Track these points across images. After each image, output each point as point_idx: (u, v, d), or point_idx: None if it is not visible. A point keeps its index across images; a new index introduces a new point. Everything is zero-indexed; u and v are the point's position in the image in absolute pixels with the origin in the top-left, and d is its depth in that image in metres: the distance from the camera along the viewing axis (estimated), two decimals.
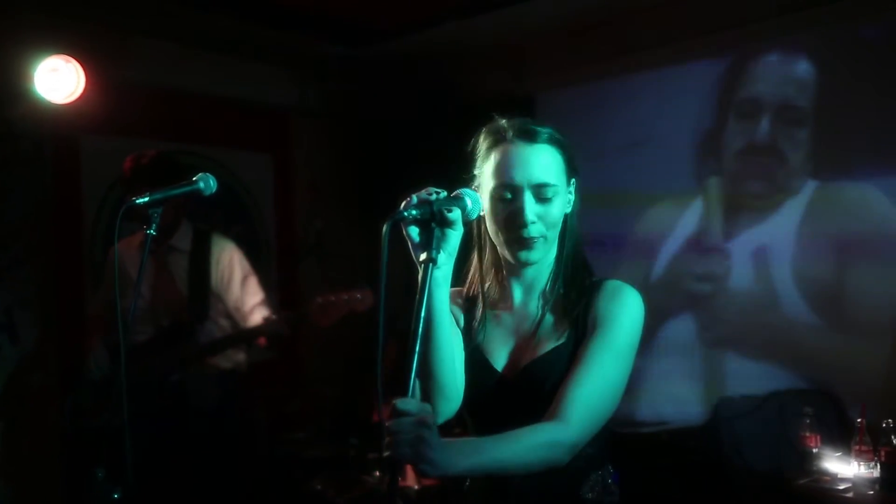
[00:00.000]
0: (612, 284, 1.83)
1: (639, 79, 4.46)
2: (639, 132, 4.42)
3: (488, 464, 1.53)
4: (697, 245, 4.23)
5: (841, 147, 3.81)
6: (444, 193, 1.61)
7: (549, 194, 1.77)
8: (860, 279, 3.66)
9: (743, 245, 4.08)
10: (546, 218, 1.79)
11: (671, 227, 4.32)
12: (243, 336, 3.52)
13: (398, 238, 1.63)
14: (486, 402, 1.83)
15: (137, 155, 3.43)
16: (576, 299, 1.82)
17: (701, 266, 4.19)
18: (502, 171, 1.79)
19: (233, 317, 3.59)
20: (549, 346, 1.80)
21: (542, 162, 1.78)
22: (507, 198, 1.78)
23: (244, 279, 3.63)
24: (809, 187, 3.87)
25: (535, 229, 1.77)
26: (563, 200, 1.82)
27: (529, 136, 1.80)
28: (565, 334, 1.79)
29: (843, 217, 3.74)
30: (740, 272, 4.07)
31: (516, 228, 1.77)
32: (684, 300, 4.22)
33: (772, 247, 3.96)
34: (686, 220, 4.28)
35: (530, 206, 1.77)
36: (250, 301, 3.59)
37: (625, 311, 1.77)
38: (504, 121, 1.84)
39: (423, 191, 1.59)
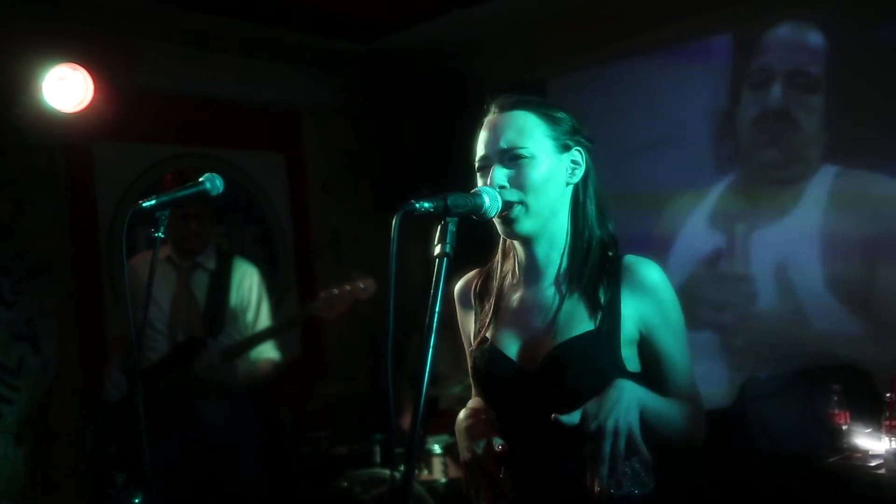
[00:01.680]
0: (634, 265, 1.76)
1: (650, 59, 4.38)
2: (653, 115, 4.35)
3: (667, 409, 1.70)
4: (714, 268, 4.16)
5: (856, 122, 3.74)
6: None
7: (521, 154, 1.72)
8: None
9: (763, 261, 4.02)
10: (520, 182, 1.72)
11: (690, 246, 4.26)
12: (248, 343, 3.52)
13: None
14: (507, 395, 1.79)
15: (177, 171, 3.52)
16: (596, 281, 1.75)
17: (720, 296, 4.13)
18: (479, 143, 1.79)
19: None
20: (572, 332, 1.73)
21: (514, 126, 1.75)
22: (484, 168, 1.76)
23: (258, 305, 3.67)
24: (829, 174, 3.81)
25: (507, 194, 1.70)
26: (552, 168, 1.75)
27: (506, 105, 1.78)
28: (594, 320, 1.72)
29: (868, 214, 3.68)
30: (764, 293, 4.02)
31: None
32: (703, 324, 4.17)
33: (794, 256, 3.91)
34: (702, 233, 4.22)
35: (498, 171, 1.72)
36: (260, 325, 3.63)
37: (669, 296, 1.76)
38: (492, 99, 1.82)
39: None
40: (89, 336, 4.31)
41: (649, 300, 1.74)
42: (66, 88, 3.82)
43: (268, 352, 3.58)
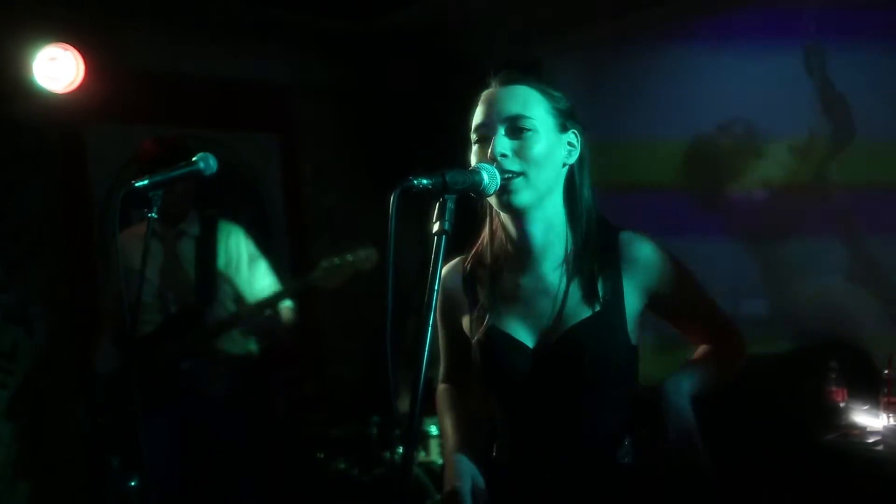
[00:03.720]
0: (630, 242, 1.79)
1: (656, 36, 4.24)
2: (659, 97, 4.24)
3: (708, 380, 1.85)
4: None
5: None
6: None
7: (525, 126, 1.70)
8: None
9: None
10: (523, 154, 1.70)
11: None
12: (248, 313, 3.49)
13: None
14: (518, 380, 1.78)
15: (156, 139, 3.42)
16: (598, 260, 1.76)
17: None
18: (477, 114, 1.77)
19: (241, 300, 3.57)
20: (581, 314, 1.74)
21: (518, 98, 1.74)
22: (483, 139, 1.74)
23: (251, 261, 3.62)
24: None
25: (508, 163, 1.69)
26: (552, 145, 1.74)
27: (508, 80, 1.77)
28: (597, 302, 1.74)
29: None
30: None
31: None
32: None
33: None
34: None
35: (501, 141, 1.70)
36: (259, 284, 3.58)
37: (668, 264, 1.80)
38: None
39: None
40: (82, 318, 4.29)
41: (648, 274, 1.78)
42: (56, 69, 3.78)
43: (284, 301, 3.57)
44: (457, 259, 1.94)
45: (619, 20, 4.40)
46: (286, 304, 3.59)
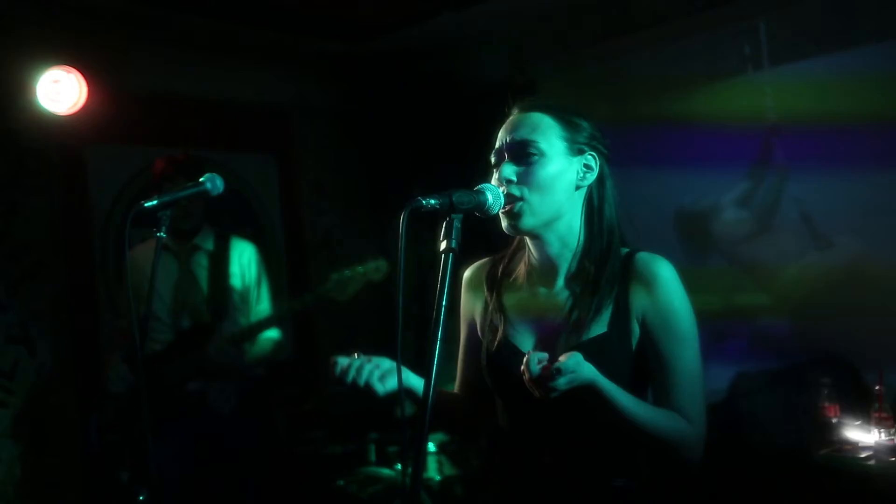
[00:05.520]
0: (644, 261, 1.77)
1: (649, 56, 4.33)
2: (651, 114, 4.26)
3: (635, 410, 1.64)
4: None
5: None
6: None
7: (531, 151, 1.75)
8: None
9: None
10: (527, 179, 1.75)
11: None
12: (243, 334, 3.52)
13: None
14: (519, 391, 1.75)
15: (168, 157, 3.48)
16: (609, 281, 1.77)
17: None
18: (494, 142, 1.83)
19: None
20: (588, 333, 1.76)
21: (529, 124, 1.79)
22: (497, 164, 1.80)
23: (259, 283, 3.68)
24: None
25: (513, 189, 1.74)
26: (561, 169, 1.77)
27: (525, 107, 1.84)
28: (605, 322, 1.76)
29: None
30: None
31: None
32: None
33: None
34: None
35: (507, 167, 1.76)
36: (260, 307, 3.65)
37: (673, 293, 1.75)
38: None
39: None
40: (83, 338, 4.32)
41: (650, 293, 1.75)
42: (59, 91, 3.83)
43: (269, 332, 3.58)
44: (485, 259, 2.00)
45: (614, 40, 4.47)
46: (271, 336, 3.61)
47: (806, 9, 3.80)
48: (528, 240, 1.86)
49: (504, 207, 1.74)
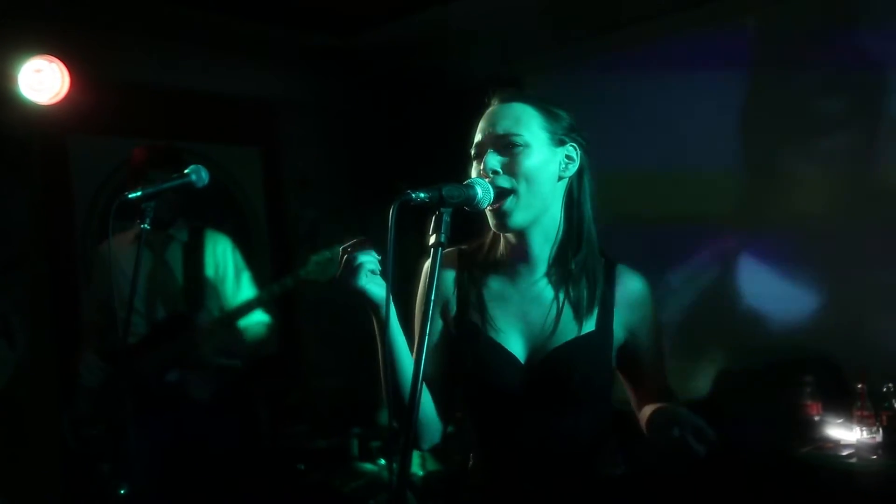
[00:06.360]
0: (624, 274, 1.85)
1: (636, 53, 4.31)
2: (639, 112, 4.29)
3: None
4: None
5: None
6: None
7: (515, 142, 1.74)
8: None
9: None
10: (512, 169, 1.73)
11: None
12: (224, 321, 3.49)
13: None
14: (505, 390, 1.79)
15: (147, 146, 3.44)
16: (594, 283, 1.79)
17: None
18: (473, 133, 1.81)
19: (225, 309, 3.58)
20: (572, 332, 1.77)
21: (511, 115, 1.77)
22: (479, 156, 1.78)
23: (237, 273, 3.64)
24: None
25: (500, 180, 1.72)
26: (545, 159, 1.76)
27: (505, 98, 1.82)
28: (591, 323, 1.78)
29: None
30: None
31: None
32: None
33: None
34: None
35: (491, 157, 1.74)
36: (242, 296, 3.59)
37: (651, 308, 1.88)
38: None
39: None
40: (64, 329, 4.28)
41: (638, 311, 1.84)
42: (41, 80, 3.79)
43: (258, 316, 3.55)
44: (451, 249, 1.91)
45: (601, 37, 4.47)
46: (261, 320, 3.58)
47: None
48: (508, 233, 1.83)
49: (493, 204, 1.71)
